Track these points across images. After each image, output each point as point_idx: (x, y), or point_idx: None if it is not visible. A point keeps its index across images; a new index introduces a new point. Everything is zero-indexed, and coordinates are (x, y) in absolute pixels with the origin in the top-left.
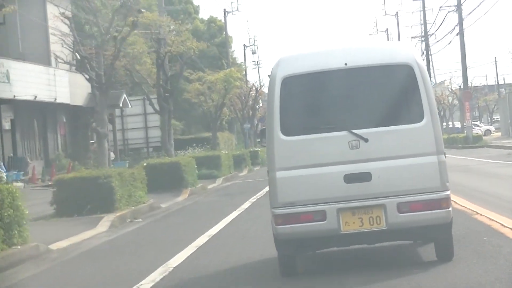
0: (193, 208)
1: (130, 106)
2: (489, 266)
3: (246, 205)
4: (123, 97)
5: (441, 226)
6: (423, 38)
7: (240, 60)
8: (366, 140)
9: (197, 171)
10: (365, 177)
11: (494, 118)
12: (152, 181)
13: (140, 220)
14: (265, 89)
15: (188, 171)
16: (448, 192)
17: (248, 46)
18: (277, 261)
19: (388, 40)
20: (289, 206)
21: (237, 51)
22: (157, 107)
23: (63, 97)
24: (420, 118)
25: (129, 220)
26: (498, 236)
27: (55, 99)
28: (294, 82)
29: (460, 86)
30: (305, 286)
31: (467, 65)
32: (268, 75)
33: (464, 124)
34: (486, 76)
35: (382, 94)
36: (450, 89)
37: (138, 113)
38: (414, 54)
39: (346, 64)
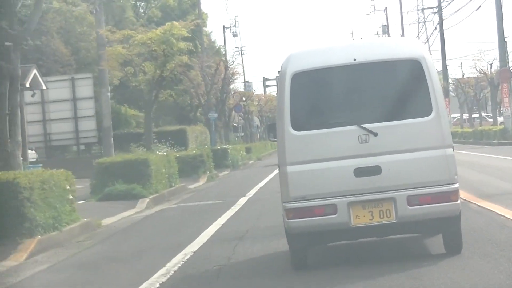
0: None
1: (44, 87)
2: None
3: None
4: (33, 74)
5: (450, 219)
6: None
7: (219, 43)
8: (375, 134)
9: (71, 196)
10: (375, 170)
11: (501, 110)
12: None
13: None
14: (239, 68)
15: (40, 201)
16: (457, 185)
17: (228, 28)
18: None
19: (386, 20)
20: (300, 200)
21: (216, 34)
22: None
23: None
24: (428, 112)
25: None
26: None
27: None
28: (304, 77)
29: (490, 64)
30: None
31: (504, 35)
32: (278, 71)
33: (502, 111)
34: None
35: (391, 89)
36: (477, 69)
37: (63, 99)
38: (422, 50)
39: (355, 59)
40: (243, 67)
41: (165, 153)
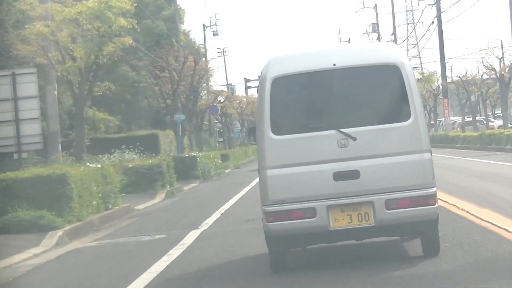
0: None
1: None
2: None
3: None
4: None
5: (428, 222)
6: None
7: (199, 42)
8: (354, 139)
9: None
10: (353, 174)
11: (496, 113)
12: None
13: None
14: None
15: None
16: (435, 189)
17: (208, 26)
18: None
19: (376, 18)
20: (280, 203)
21: (196, 33)
22: None
23: None
24: (406, 117)
25: None
26: None
27: None
28: (284, 82)
29: (500, 59)
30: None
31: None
32: (258, 76)
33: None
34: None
35: (370, 93)
36: (485, 64)
37: (2, 98)
38: (401, 55)
39: (334, 64)
40: (225, 69)
41: (99, 165)
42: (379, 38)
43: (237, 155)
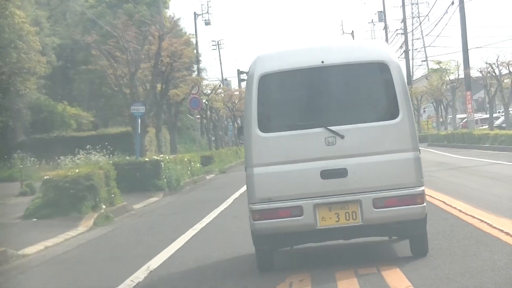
0: None
1: None
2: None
3: None
4: None
5: (416, 222)
6: None
7: (189, 32)
8: (342, 137)
9: None
10: (341, 173)
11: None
12: None
13: None
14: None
15: None
16: (423, 188)
17: (200, 15)
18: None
19: (383, 5)
20: (267, 201)
21: (186, 24)
22: None
23: None
24: (395, 115)
25: None
26: None
27: None
28: (271, 79)
29: None
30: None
31: None
32: (246, 73)
33: None
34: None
35: (358, 91)
36: None
37: None
38: (390, 52)
39: (322, 62)
40: (220, 62)
41: None
42: (385, 28)
43: (224, 156)
